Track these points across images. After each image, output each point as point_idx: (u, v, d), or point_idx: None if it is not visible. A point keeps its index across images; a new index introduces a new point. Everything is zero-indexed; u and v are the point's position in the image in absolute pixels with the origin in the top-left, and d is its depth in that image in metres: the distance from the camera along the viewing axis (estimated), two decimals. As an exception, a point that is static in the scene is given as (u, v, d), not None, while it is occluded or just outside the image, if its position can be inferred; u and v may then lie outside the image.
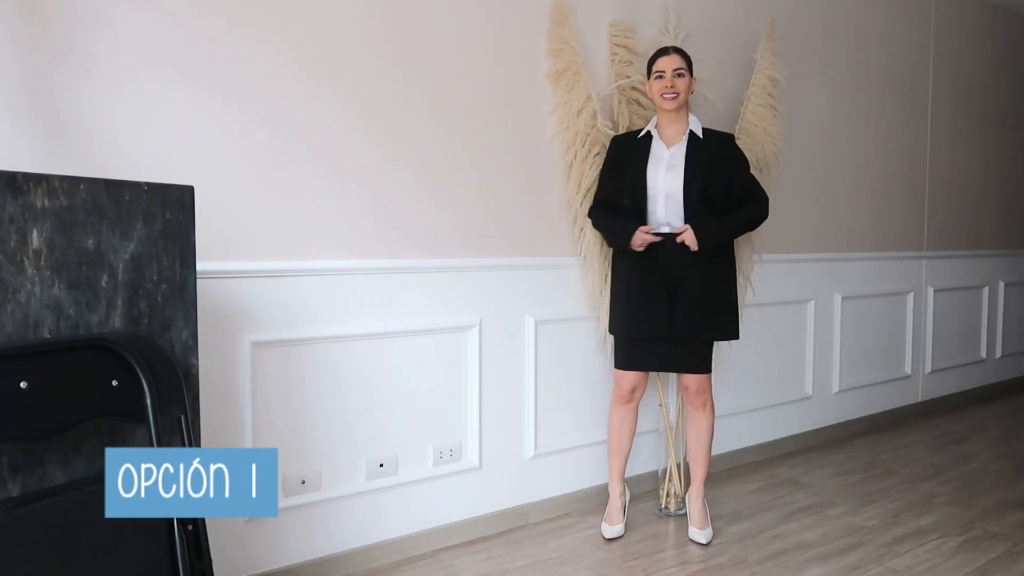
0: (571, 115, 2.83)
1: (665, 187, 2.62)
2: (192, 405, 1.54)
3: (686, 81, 2.63)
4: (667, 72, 2.61)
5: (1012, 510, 2.97)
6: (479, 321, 2.68)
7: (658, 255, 2.62)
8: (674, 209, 2.63)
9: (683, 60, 2.63)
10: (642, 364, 2.70)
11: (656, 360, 2.68)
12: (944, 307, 4.70)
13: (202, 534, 1.48)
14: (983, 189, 4.98)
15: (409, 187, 2.51)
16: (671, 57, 2.62)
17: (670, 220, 2.64)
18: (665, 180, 2.62)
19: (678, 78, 2.61)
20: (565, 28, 2.80)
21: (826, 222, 3.93)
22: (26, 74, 1.87)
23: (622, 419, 2.76)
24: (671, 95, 2.60)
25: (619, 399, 2.75)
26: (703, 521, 2.70)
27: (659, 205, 2.63)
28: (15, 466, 1.32)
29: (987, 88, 4.94)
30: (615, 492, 2.77)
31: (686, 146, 2.65)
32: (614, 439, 2.79)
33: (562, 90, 2.83)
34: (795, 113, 3.65)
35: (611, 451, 2.80)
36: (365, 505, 2.46)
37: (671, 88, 2.60)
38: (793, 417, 3.82)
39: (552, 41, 2.81)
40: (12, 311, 1.32)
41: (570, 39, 2.81)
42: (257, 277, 2.23)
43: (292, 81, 2.27)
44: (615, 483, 2.78)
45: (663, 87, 2.61)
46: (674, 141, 2.67)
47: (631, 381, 2.71)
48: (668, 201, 2.62)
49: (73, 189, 1.39)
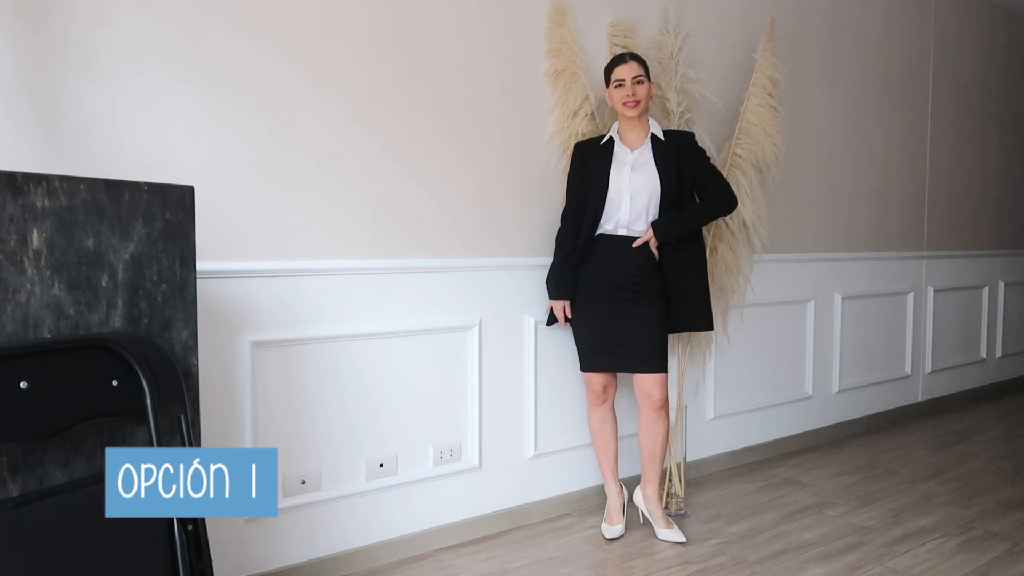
0: (567, 116, 2.84)
1: (631, 188, 2.64)
2: (192, 405, 1.54)
3: (646, 87, 2.64)
4: (627, 80, 2.62)
5: (1012, 510, 2.97)
6: (479, 321, 2.68)
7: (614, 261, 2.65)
8: (640, 209, 2.64)
9: (641, 67, 2.65)
10: (604, 366, 2.71)
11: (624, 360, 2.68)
12: (944, 307, 4.70)
13: (202, 534, 1.48)
14: (983, 189, 4.98)
15: (409, 187, 2.52)
16: (629, 65, 2.63)
17: (633, 221, 2.65)
18: (631, 182, 2.64)
19: (638, 85, 2.62)
20: (564, 28, 2.81)
21: (826, 222, 3.93)
22: (26, 74, 1.87)
23: (602, 420, 2.77)
24: (632, 103, 2.62)
25: (593, 401, 2.77)
26: (670, 521, 2.72)
27: (622, 207, 2.65)
28: (15, 466, 1.32)
29: (987, 88, 4.94)
30: (611, 492, 2.77)
31: (651, 148, 2.67)
32: (598, 441, 2.79)
33: (560, 90, 2.84)
34: (795, 113, 3.65)
35: (598, 454, 2.80)
36: (365, 505, 2.46)
37: (632, 96, 2.61)
38: (793, 417, 3.82)
39: (551, 41, 2.81)
40: (12, 311, 1.32)
41: (569, 39, 2.81)
42: (257, 277, 2.23)
43: (292, 81, 2.27)
44: (610, 483, 2.78)
45: (624, 95, 2.63)
46: (636, 145, 2.69)
47: (600, 381, 2.74)
48: (633, 201, 2.63)
49: (73, 189, 1.39)
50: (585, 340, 2.73)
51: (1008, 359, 5.27)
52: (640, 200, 2.64)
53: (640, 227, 2.66)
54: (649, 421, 2.70)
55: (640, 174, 2.64)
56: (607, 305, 2.67)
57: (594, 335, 2.70)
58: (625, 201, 2.64)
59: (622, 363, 2.68)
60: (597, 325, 2.69)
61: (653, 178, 2.64)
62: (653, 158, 2.66)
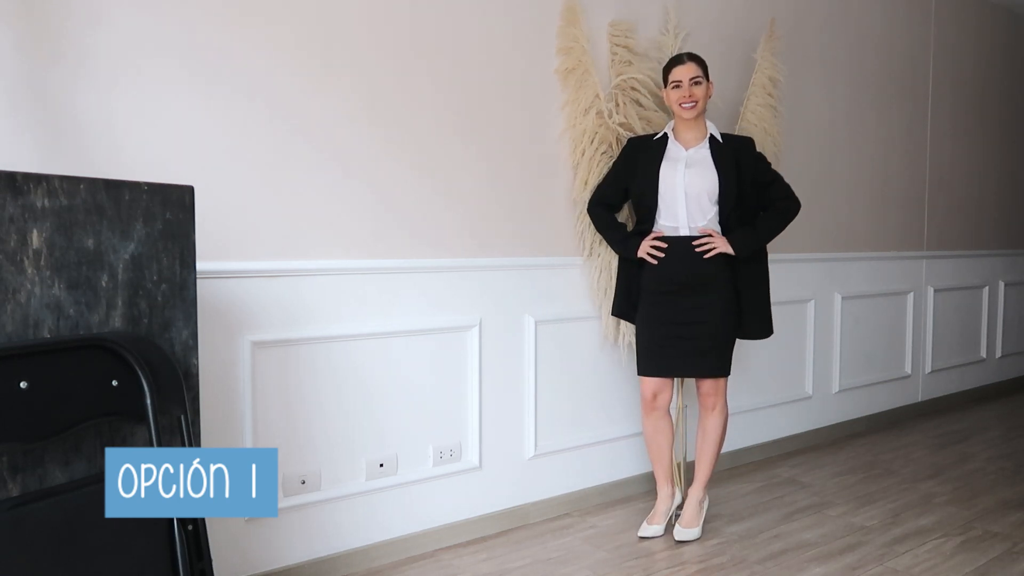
0: (579, 113, 2.85)
1: (684, 186, 2.61)
2: (192, 405, 1.54)
3: (703, 88, 2.63)
4: (684, 81, 2.61)
5: (1012, 510, 2.97)
6: (479, 321, 2.68)
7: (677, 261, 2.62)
8: (697, 209, 2.63)
9: (699, 68, 2.64)
10: (661, 370, 2.69)
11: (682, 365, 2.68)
12: (944, 307, 4.70)
13: (202, 534, 1.48)
14: (983, 189, 4.98)
15: (410, 185, 2.51)
16: (687, 66, 2.63)
17: (691, 220, 2.63)
18: (684, 179, 2.62)
19: (695, 86, 2.61)
20: (576, 27, 2.83)
21: (826, 222, 3.93)
22: (25, 73, 1.87)
23: (655, 427, 2.76)
24: (690, 104, 2.61)
25: (644, 407, 2.76)
26: (692, 520, 2.70)
27: (678, 205, 2.63)
28: (15, 466, 1.32)
29: (987, 88, 4.94)
30: (659, 495, 2.79)
31: (709, 147, 2.66)
32: (651, 448, 2.79)
33: (572, 87, 2.85)
34: (795, 113, 3.65)
35: (651, 458, 2.82)
36: (365, 505, 2.46)
37: (690, 97, 2.61)
38: (793, 417, 3.82)
39: (563, 39, 2.83)
40: (12, 311, 1.32)
41: (580, 38, 2.83)
42: (257, 277, 2.23)
43: (293, 78, 2.27)
44: (660, 486, 2.79)
45: (681, 96, 2.62)
46: (692, 144, 2.67)
47: (651, 387, 2.72)
48: (689, 201, 2.62)
49: (73, 189, 1.39)
50: (645, 343, 2.69)
51: (1008, 359, 5.27)
52: (696, 197, 2.62)
53: (701, 223, 2.63)
54: (702, 421, 2.74)
55: (696, 171, 2.62)
56: (671, 308, 2.64)
57: (656, 338, 2.66)
58: (680, 198, 2.62)
59: (681, 366, 2.67)
60: (660, 329, 2.65)
61: (710, 175, 2.61)
62: (711, 156, 2.64)
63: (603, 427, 3.02)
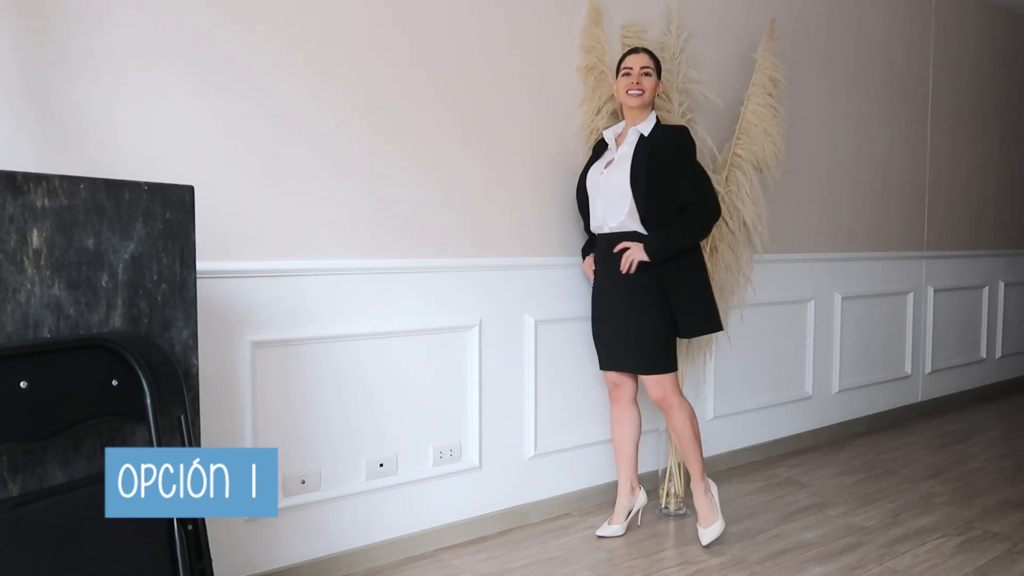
0: (592, 112, 2.88)
1: (601, 184, 2.63)
2: (192, 405, 1.54)
3: (652, 81, 2.62)
4: (634, 69, 2.62)
5: (1012, 510, 2.97)
6: (479, 321, 2.68)
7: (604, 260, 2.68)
8: (612, 208, 2.60)
9: (651, 60, 2.64)
10: (604, 364, 2.75)
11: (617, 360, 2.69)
12: (944, 307, 4.70)
13: (202, 534, 1.48)
14: (983, 189, 4.98)
15: (410, 186, 2.51)
16: (639, 55, 2.64)
17: (607, 220, 2.63)
18: (602, 178, 2.63)
19: (644, 76, 2.61)
20: (599, 27, 2.86)
21: (826, 222, 3.93)
22: (26, 73, 1.87)
23: (616, 418, 2.79)
24: (636, 92, 2.60)
25: (610, 398, 2.82)
26: (707, 517, 2.64)
27: (597, 205, 2.66)
28: (15, 466, 1.32)
29: (987, 88, 4.94)
30: (619, 491, 2.78)
31: (634, 144, 2.62)
32: (614, 439, 2.81)
33: (590, 86, 2.88)
34: (795, 113, 3.65)
35: (614, 451, 2.82)
36: (365, 505, 2.46)
37: (636, 85, 2.60)
38: (793, 417, 3.82)
39: (586, 38, 2.86)
40: (12, 311, 1.32)
41: (602, 38, 2.86)
42: (257, 277, 2.23)
43: (293, 78, 2.27)
44: (619, 482, 2.79)
45: (628, 84, 2.62)
46: (622, 141, 2.68)
47: (610, 379, 2.78)
48: (606, 201, 2.61)
49: (73, 189, 1.39)
50: (594, 337, 2.78)
51: (1008, 359, 5.27)
52: (610, 197, 2.60)
53: (614, 224, 2.60)
54: (668, 424, 2.73)
55: (614, 169, 2.62)
56: (603, 307, 2.72)
57: (598, 333, 2.76)
58: (596, 197, 2.65)
59: (621, 362, 2.69)
60: (597, 325, 2.75)
61: (622, 173, 2.58)
62: (632, 152, 2.60)
63: (603, 427, 3.01)
